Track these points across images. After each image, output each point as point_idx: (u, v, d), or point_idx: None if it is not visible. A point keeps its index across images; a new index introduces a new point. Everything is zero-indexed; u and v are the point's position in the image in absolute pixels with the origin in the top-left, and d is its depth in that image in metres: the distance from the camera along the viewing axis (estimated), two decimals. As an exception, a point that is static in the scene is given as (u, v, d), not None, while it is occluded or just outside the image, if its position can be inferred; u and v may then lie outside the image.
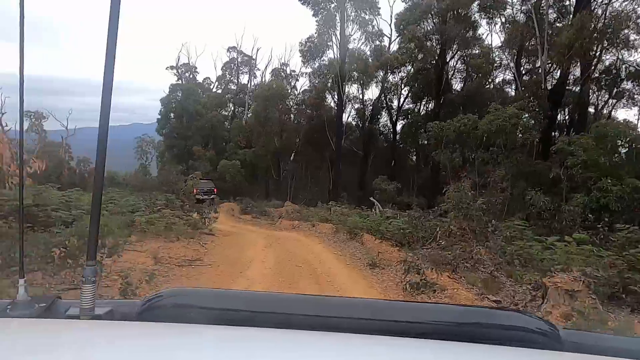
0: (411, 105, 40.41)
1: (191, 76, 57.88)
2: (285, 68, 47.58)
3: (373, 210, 21.57)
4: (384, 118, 41.34)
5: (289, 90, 38.72)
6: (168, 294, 0.98)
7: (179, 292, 1.03)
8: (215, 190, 23.92)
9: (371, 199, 23.21)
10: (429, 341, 0.86)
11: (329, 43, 33.49)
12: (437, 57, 31.15)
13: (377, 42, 34.85)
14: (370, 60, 34.02)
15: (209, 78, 61.67)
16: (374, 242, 10.11)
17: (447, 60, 31.43)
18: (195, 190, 19.17)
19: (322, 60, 34.44)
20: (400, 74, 39.93)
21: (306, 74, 36.57)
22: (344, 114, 34.80)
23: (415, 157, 42.71)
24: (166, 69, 57.33)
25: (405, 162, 42.85)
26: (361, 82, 34.51)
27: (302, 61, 34.33)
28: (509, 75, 33.22)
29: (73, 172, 47.02)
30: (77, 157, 37.56)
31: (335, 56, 33.39)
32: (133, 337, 0.85)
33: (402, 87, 40.11)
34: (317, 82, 35.35)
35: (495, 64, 31.24)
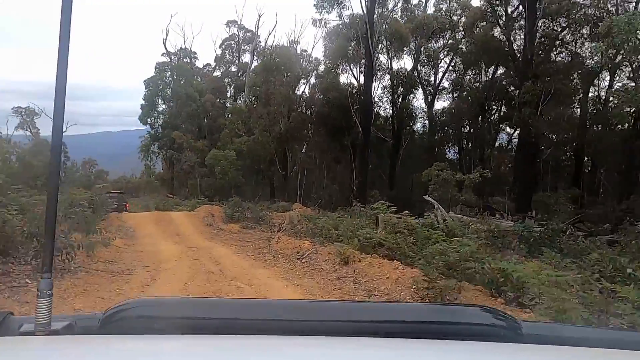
0: (454, 78, 31.58)
1: (188, 61, 49.93)
2: (295, 46, 39.08)
3: (433, 215, 12.91)
4: (419, 97, 32.54)
5: (300, 73, 29.88)
6: (132, 304, 0.91)
7: (143, 302, 0.99)
8: (127, 205, 19.11)
9: (427, 197, 14.55)
10: (398, 340, 0.86)
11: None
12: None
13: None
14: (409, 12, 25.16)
15: (210, 64, 53.80)
16: None
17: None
18: None
19: (343, 7, 25.74)
20: (440, 41, 31.46)
21: (320, 22, 27.13)
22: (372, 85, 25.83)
23: (456, 147, 33.63)
24: (162, 55, 49.16)
25: (443, 153, 33.79)
26: (394, 39, 25.71)
27: (314, 5, 25.55)
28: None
29: (70, 173, 41.59)
30: (83, 158, 37.55)
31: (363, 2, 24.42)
32: (94, 352, 0.79)
33: (444, 55, 31.39)
34: (334, 44, 26.56)
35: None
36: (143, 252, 9.42)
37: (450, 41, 30.90)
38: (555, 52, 20.42)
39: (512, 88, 25.52)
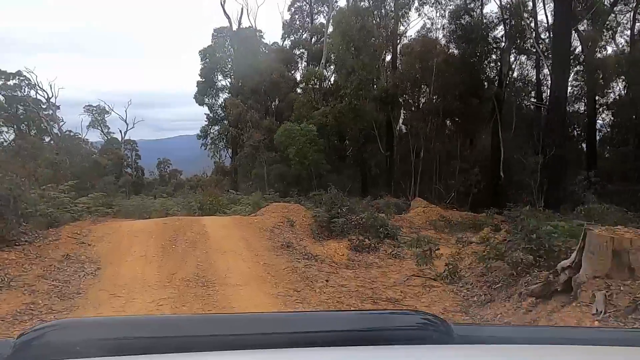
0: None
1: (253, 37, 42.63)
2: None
3: None
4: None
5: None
6: (48, 327, 0.84)
7: (62, 324, 0.91)
8: None
9: None
10: (333, 349, 0.85)
11: None
12: None
13: None
14: None
15: (277, 43, 46.26)
16: None
17: None
18: None
19: None
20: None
21: None
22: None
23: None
24: (235, 29, 41.58)
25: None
26: None
27: None
28: None
29: (140, 172, 37.79)
30: (158, 158, 37.48)
31: None
32: None
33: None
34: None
35: None
36: None
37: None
38: None
39: None
